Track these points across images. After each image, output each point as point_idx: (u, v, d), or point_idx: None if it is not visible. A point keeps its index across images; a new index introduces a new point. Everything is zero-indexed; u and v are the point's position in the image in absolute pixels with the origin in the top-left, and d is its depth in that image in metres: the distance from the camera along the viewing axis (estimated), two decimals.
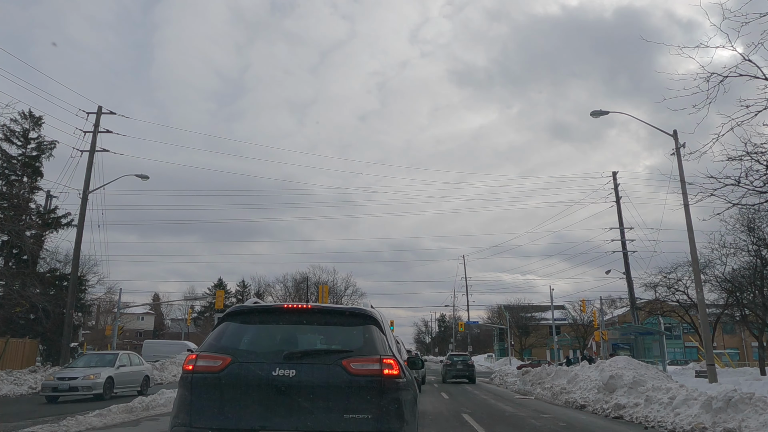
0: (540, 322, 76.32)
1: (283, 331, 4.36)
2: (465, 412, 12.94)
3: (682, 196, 19.77)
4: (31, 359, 27.11)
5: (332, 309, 4.61)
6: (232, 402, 3.80)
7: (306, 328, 4.42)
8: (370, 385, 3.86)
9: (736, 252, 22.48)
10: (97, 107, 26.96)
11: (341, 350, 4.11)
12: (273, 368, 3.85)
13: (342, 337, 4.33)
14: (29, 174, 29.97)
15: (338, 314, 4.56)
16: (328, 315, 4.47)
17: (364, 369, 3.91)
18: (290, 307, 4.41)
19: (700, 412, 9.53)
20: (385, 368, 3.95)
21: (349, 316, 4.50)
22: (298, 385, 3.80)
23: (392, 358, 4.07)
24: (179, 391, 4.04)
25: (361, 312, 4.54)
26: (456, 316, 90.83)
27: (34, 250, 29.14)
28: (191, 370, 3.98)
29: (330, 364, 3.95)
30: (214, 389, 3.84)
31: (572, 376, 16.52)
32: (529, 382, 20.33)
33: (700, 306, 19.16)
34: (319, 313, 4.43)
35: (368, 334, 4.20)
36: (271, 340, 4.25)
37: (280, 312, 4.49)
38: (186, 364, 4.05)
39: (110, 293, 60.76)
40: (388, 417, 3.81)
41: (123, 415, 9.73)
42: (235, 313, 4.42)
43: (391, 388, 3.90)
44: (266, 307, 4.58)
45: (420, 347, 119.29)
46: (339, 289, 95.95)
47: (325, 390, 3.82)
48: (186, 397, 3.91)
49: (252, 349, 4.10)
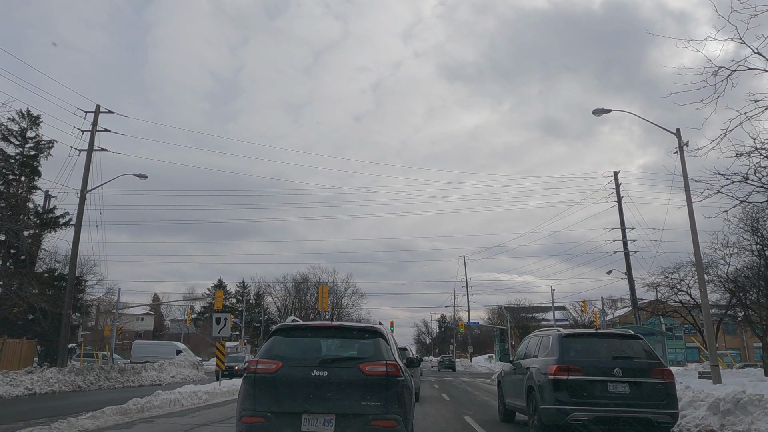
0: (541, 323, 75.94)
1: (316, 343, 5.84)
2: (466, 414, 12.72)
3: (686, 195, 19.56)
4: (29, 360, 26.90)
5: (352, 327, 6.17)
6: (283, 393, 5.24)
7: (333, 341, 5.98)
8: (379, 382, 5.32)
9: (739, 252, 22.25)
10: (95, 106, 26.76)
11: (359, 357, 5.59)
12: (311, 370, 5.32)
13: (359, 347, 5.79)
14: (27, 173, 29.78)
15: (356, 330, 6.09)
16: (349, 331, 6.07)
17: (375, 371, 5.37)
18: (321, 325, 6.04)
19: (707, 414, 9.31)
20: (389, 370, 5.39)
21: (363, 332, 5.97)
22: (329, 381, 5.24)
23: (394, 362, 5.51)
24: (244, 386, 5.42)
25: (372, 328, 5.99)
26: (456, 317, 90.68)
27: (32, 250, 28.96)
28: (254, 372, 5.40)
29: (351, 367, 5.41)
30: (270, 385, 5.29)
31: None
32: None
33: (703, 306, 18.93)
34: (342, 330, 6.09)
35: (377, 345, 5.68)
36: (308, 349, 5.69)
37: (314, 329, 6.00)
38: (249, 366, 5.48)
39: (110, 294, 60.63)
40: (392, 404, 5.27)
41: (117, 417, 9.48)
42: (281, 329, 5.92)
43: (394, 384, 5.36)
44: (303, 325, 6.07)
45: (420, 348, 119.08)
46: (339, 289, 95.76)
47: (348, 385, 5.25)
48: (250, 390, 5.33)
49: (295, 356, 5.55)
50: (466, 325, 72.79)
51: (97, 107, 26.80)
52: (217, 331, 16.07)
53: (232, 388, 16.64)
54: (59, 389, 19.46)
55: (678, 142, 20.29)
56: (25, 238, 27.19)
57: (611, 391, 7.56)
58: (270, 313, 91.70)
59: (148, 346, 35.00)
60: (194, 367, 34.21)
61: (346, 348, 5.97)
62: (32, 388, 18.74)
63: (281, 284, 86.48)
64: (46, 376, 20.15)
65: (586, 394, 7.58)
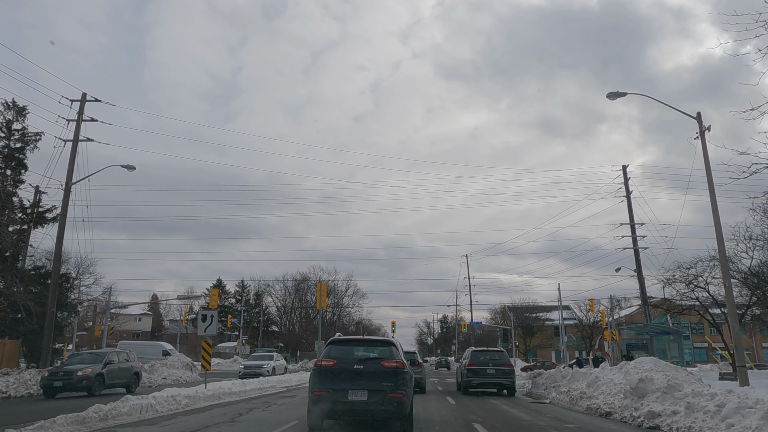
0: (545, 323, 74.40)
1: (355, 349, 9.45)
2: (476, 421, 11.39)
3: (707, 181, 18.25)
4: (13, 361, 25.66)
5: (375, 339, 10.31)
6: (337, 378, 8.56)
7: (364, 347, 9.61)
8: (392, 372, 8.74)
9: (764, 245, 20.83)
10: (81, 94, 25.49)
11: (380, 357, 9.04)
12: (353, 365, 8.74)
13: (379, 352, 9.26)
14: (12, 167, 28.49)
15: (378, 341, 9.89)
16: (374, 342, 9.96)
17: (390, 365, 8.81)
18: (356, 338, 10.84)
19: (762, 424, 7.97)
20: (398, 365, 8.89)
21: (382, 342, 9.75)
22: (363, 372, 8.65)
23: (401, 361, 9.13)
24: (313, 373, 8.82)
25: (387, 340, 9.91)
26: (459, 317, 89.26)
27: (18, 247, 27.68)
28: (320, 366, 8.80)
29: (375, 363, 8.87)
30: (329, 374, 8.65)
31: (592, 379, 14.92)
32: (542, 386, 18.72)
33: (728, 301, 17.57)
34: (369, 341, 10.24)
35: (390, 351, 9.30)
36: (350, 353, 9.20)
37: (352, 341, 10.36)
38: (317, 363, 8.92)
39: (107, 293, 59.42)
40: (400, 384, 8.67)
41: (71, 427, 8.13)
42: (334, 341, 9.54)
43: (401, 373, 8.81)
44: (345, 338, 10.30)
45: (422, 349, 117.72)
46: (340, 289, 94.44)
47: (374, 373, 8.65)
48: (318, 376, 8.71)
49: (343, 356, 8.96)
50: (469, 325, 71.34)
51: (83, 95, 25.53)
52: (203, 329, 14.76)
53: (218, 391, 15.32)
54: (37, 392, 18.16)
55: (699, 127, 18.99)
56: (9, 234, 25.91)
57: (488, 372, 18.76)
58: (270, 313, 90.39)
59: (134, 346, 33.79)
60: (188, 368, 32.93)
61: (372, 352, 9.36)
62: (6, 391, 17.47)
63: (281, 284, 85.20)
64: (23, 378, 18.88)
65: (478, 374, 18.71)
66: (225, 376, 29.67)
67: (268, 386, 21.49)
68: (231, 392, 16.02)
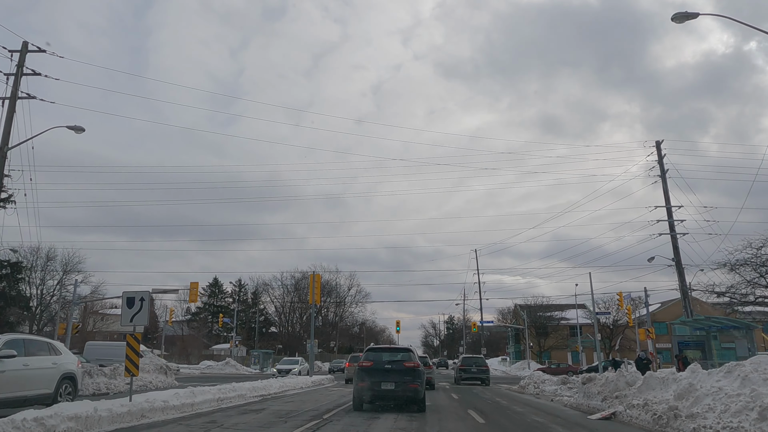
0: (560, 322, 69.61)
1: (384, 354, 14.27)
2: None
3: None
4: None
5: (399, 347, 16.07)
6: (373, 374, 13.11)
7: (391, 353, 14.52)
8: (411, 369, 13.29)
9: None
10: (21, 43, 21.21)
11: (402, 360, 13.67)
12: (384, 365, 13.46)
13: (401, 356, 13.96)
14: None
15: (401, 348, 15.40)
16: (397, 349, 15.57)
17: (409, 365, 13.38)
18: (386, 347, 17.18)
19: None
20: (415, 365, 13.44)
21: (404, 349, 14.91)
22: (392, 370, 13.30)
23: (417, 362, 13.70)
24: (357, 371, 13.52)
25: (407, 348, 15.14)
26: (466, 318, 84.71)
27: None
28: (361, 366, 13.37)
29: (399, 363, 13.49)
30: (368, 371, 13.20)
31: (684, 389, 10.34)
32: (597, 395, 14.00)
33: None
34: (395, 348, 16.09)
35: (410, 355, 14.16)
36: (382, 356, 13.93)
37: (383, 348, 15.87)
38: (360, 363, 13.58)
39: (96, 293, 55.46)
40: (417, 378, 13.20)
41: None
42: (370, 349, 15.05)
43: (417, 370, 13.36)
44: (378, 347, 16.23)
45: (428, 350, 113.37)
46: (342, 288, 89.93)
47: (399, 371, 13.26)
48: (361, 373, 13.22)
49: (378, 359, 13.68)
50: (479, 324, 66.79)
51: (24, 44, 21.24)
52: (129, 318, 10.23)
53: (158, 405, 10.85)
54: None
55: None
56: None
57: (472, 371, 30.65)
58: (268, 313, 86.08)
59: (102, 347, 29.88)
60: (161, 372, 28.53)
61: (396, 356, 13.84)
62: None
63: (279, 282, 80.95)
64: None
65: (466, 371, 30.71)
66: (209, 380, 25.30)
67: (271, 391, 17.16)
68: (170, 407, 11.51)
